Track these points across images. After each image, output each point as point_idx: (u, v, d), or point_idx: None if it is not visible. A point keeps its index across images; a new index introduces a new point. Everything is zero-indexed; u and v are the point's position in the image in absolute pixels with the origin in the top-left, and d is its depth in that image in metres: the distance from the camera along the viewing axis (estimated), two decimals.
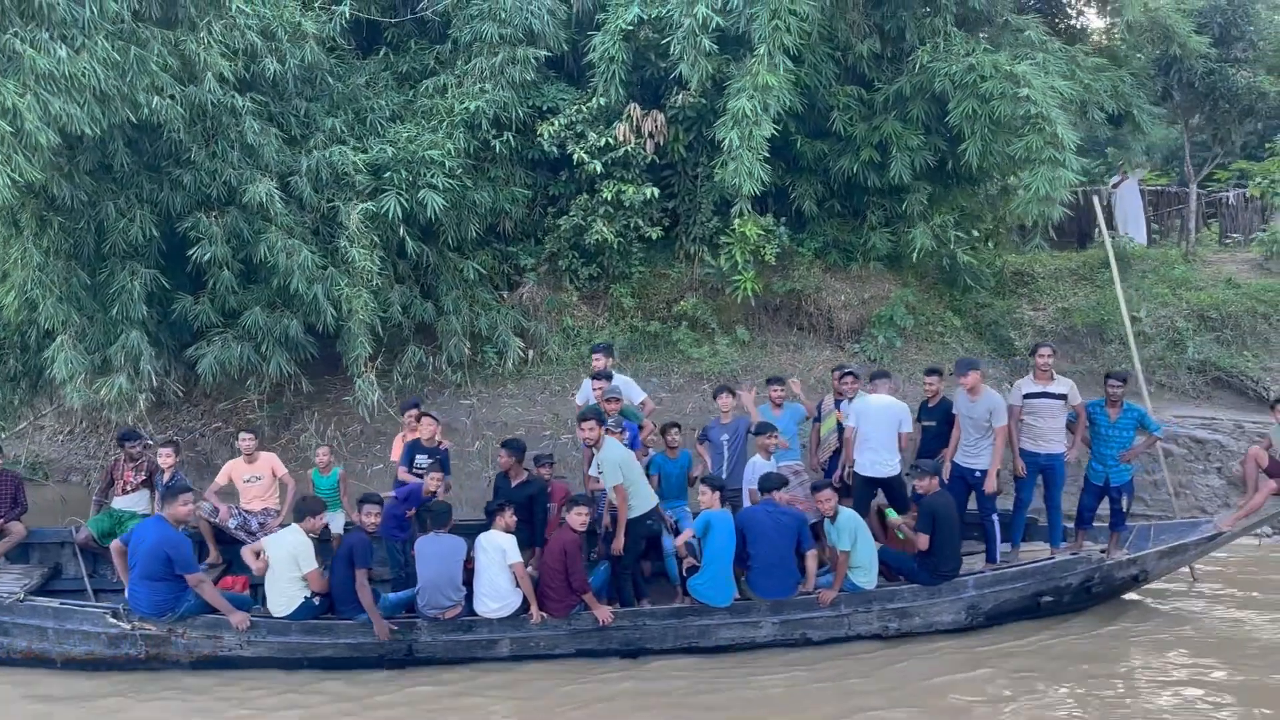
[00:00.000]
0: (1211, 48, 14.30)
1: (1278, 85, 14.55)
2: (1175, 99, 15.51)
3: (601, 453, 7.04)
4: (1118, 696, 6.37)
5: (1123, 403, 8.25)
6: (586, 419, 7.22)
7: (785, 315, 13.89)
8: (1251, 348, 13.86)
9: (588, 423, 7.19)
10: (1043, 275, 16.12)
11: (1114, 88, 13.35)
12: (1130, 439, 8.17)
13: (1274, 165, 15.40)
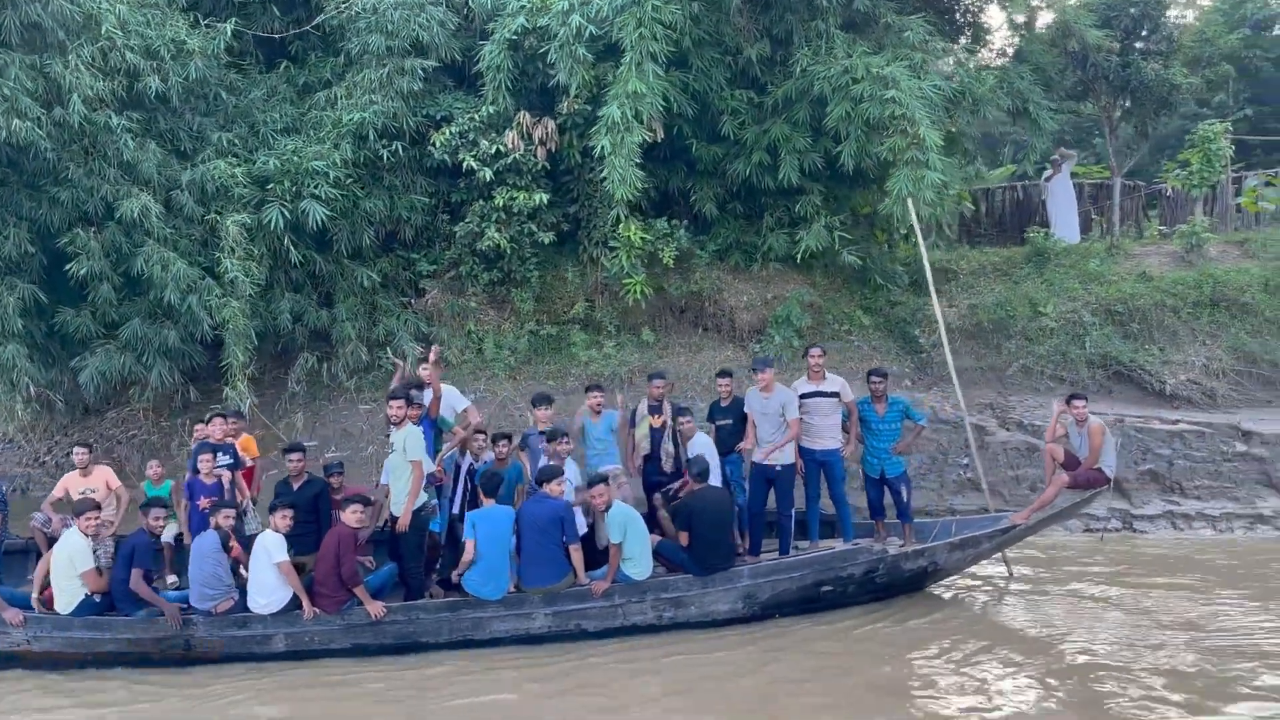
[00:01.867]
0: (1117, 41, 14.25)
1: (1190, 78, 14.42)
2: (1096, 93, 15.47)
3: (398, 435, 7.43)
4: (903, 680, 6.48)
5: (888, 397, 8.43)
6: (395, 398, 7.57)
7: (690, 316, 14.10)
8: (1158, 341, 13.80)
9: (395, 401, 7.54)
10: (966, 272, 16.14)
11: (1010, 84, 13.39)
12: (899, 431, 8.35)
13: (1194, 156, 15.25)
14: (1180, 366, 13.25)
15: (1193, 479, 10.68)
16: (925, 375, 14.08)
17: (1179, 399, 12.80)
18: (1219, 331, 13.75)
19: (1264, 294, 14.04)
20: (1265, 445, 11.11)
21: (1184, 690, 6.17)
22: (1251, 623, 7.44)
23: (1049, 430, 8.56)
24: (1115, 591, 8.37)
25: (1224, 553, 9.29)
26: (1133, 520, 10.15)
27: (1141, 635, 7.26)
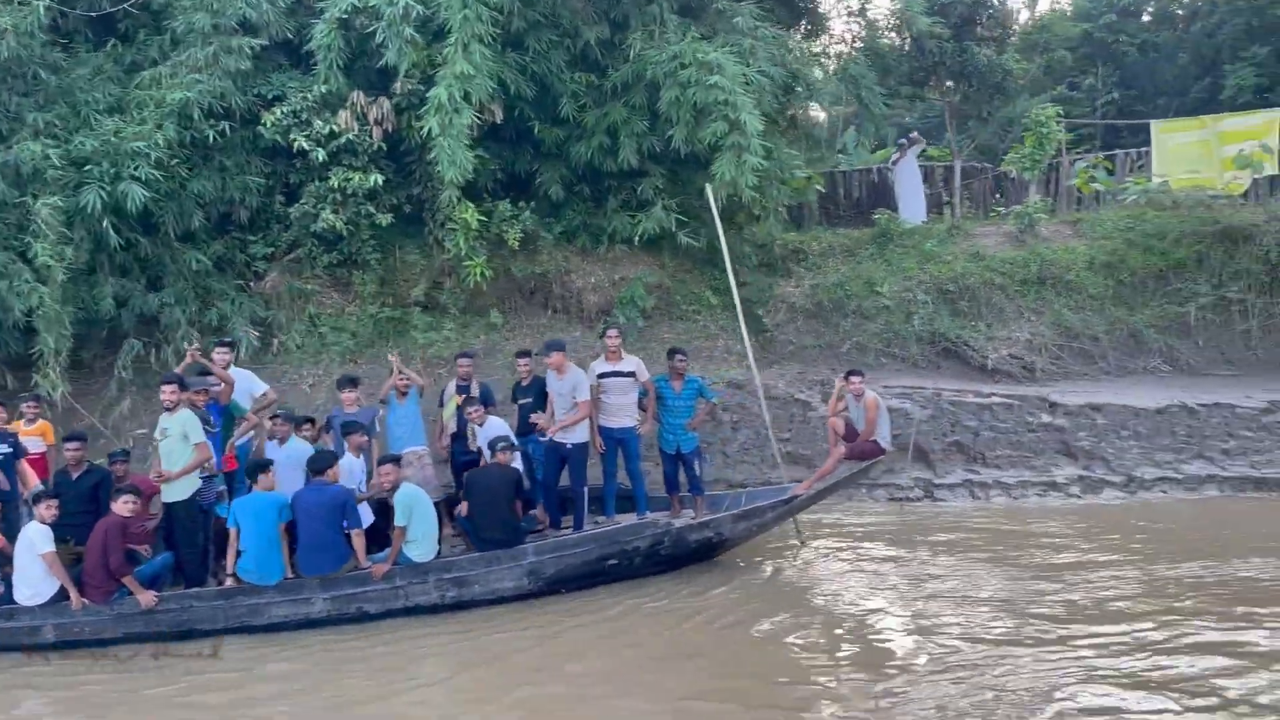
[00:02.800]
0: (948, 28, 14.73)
1: (1022, 64, 14.99)
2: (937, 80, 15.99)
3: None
4: (686, 646, 6.74)
5: (685, 375, 8.73)
6: (168, 382, 7.53)
7: (539, 298, 14.21)
8: (985, 318, 14.42)
9: (169, 385, 7.50)
10: (816, 252, 16.59)
11: (844, 71, 13.76)
12: (694, 408, 8.67)
13: (1029, 140, 15.91)
14: (1003, 342, 13.89)
15: (995, 449, 11.25)
16: (768, 354, 14.48)
17: (1000, 373, 13.43)
18: (1044, 308, 14.44)
19: (1088, 272, 14.78)
20: (1067, 416, 11.75)
21: (942, 643, 6.56)
22: (1009, 582, 7.92)
23: (830, 404, 8.96)
24: (897, 555, 8.81)
25: (1010, 518, 9.83)
26: (934, 489, 10.65)
27: (913, 595, 7.67)
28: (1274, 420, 11.29)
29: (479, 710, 5.89)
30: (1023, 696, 5.69)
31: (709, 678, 6.29)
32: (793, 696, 5.86)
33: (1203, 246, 14.38)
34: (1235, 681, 5.69)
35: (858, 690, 5.92)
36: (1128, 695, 5.56)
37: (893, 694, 5.77)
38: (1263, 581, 7.61)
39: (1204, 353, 14.06)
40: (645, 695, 6.01)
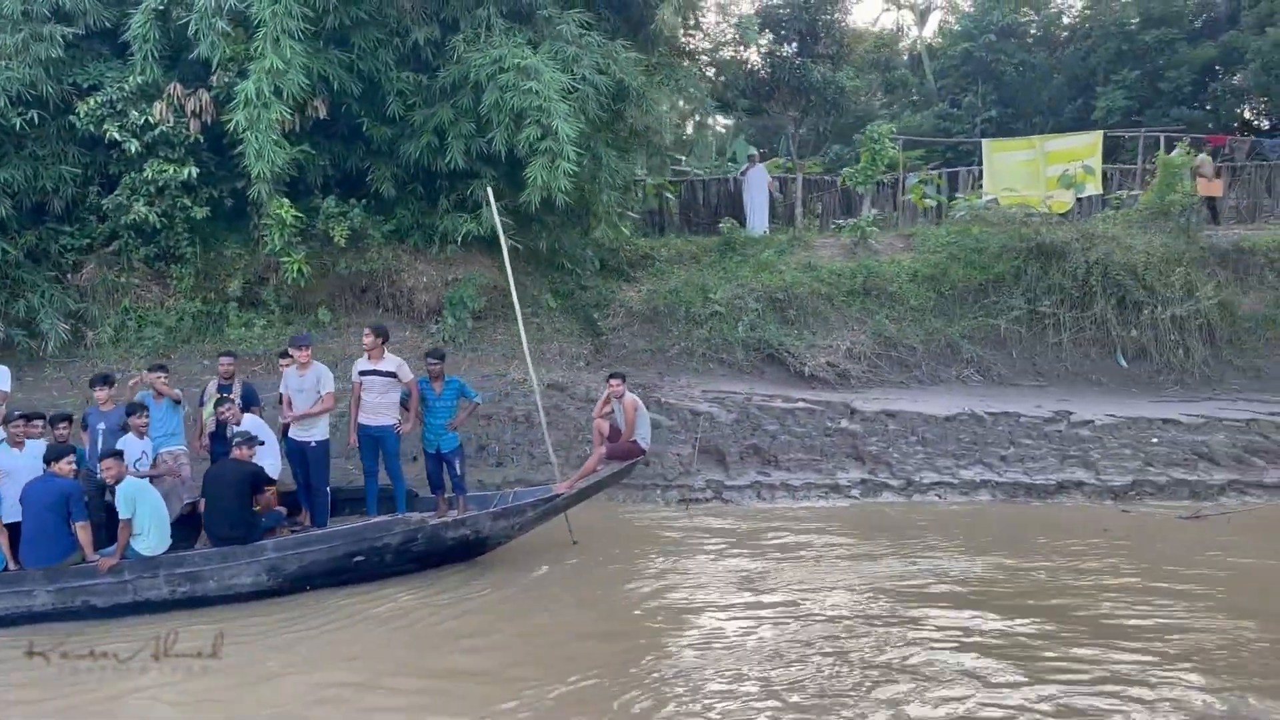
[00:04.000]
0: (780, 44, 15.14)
1: (855, 81, 15.46)
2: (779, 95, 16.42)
3: None
4: (431, 645, 6.80)
5: (445, 376, 8.88)
6: None
7: (371, 296, 14.19)
8: (811, 326, 14.84)
9: None
10: (663, 259, 16.89)
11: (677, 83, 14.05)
12: (455, 408, 8.82)
13: (865, 153, 16.44)
14: (823, 350, 14.31)
15: (789, 452, 11.60)
16: (602, 357, 14.69)
17: (816, 379, 13.84)
18: (867, 318, 14.92)
19: (911, 284, 15.31)
20: (863, 422, 12.17)
21: (700, 632, 6.85)
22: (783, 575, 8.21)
23: (597, 406, 9.17)
24: (666, 553, 9.07)
25: (785, 519, 10.15)
26: (724, 490, 10.93)
27: (668, 591, 7.93)
28: (1055, 430, 11.86)
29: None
30: (768, 671, 6.04)
31: (468, 663, 6.44)
32: (546, 685, 6.02)
33: (1020, 262, 15.00)
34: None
35: (618, 678, 6.13)
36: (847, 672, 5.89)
37: (647, 681, 6.01)
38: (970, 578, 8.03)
39: (1017, 364, 14.67)
40: (392, 680, 6.12)
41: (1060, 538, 9.14)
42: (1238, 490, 10.59)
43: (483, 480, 11.09)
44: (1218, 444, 11.32)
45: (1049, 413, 12.20)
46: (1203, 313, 14.14)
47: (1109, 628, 6.83)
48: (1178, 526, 9.63)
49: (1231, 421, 11.82)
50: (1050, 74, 32.73)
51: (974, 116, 32.70)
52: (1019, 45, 33.13)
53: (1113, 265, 14.38)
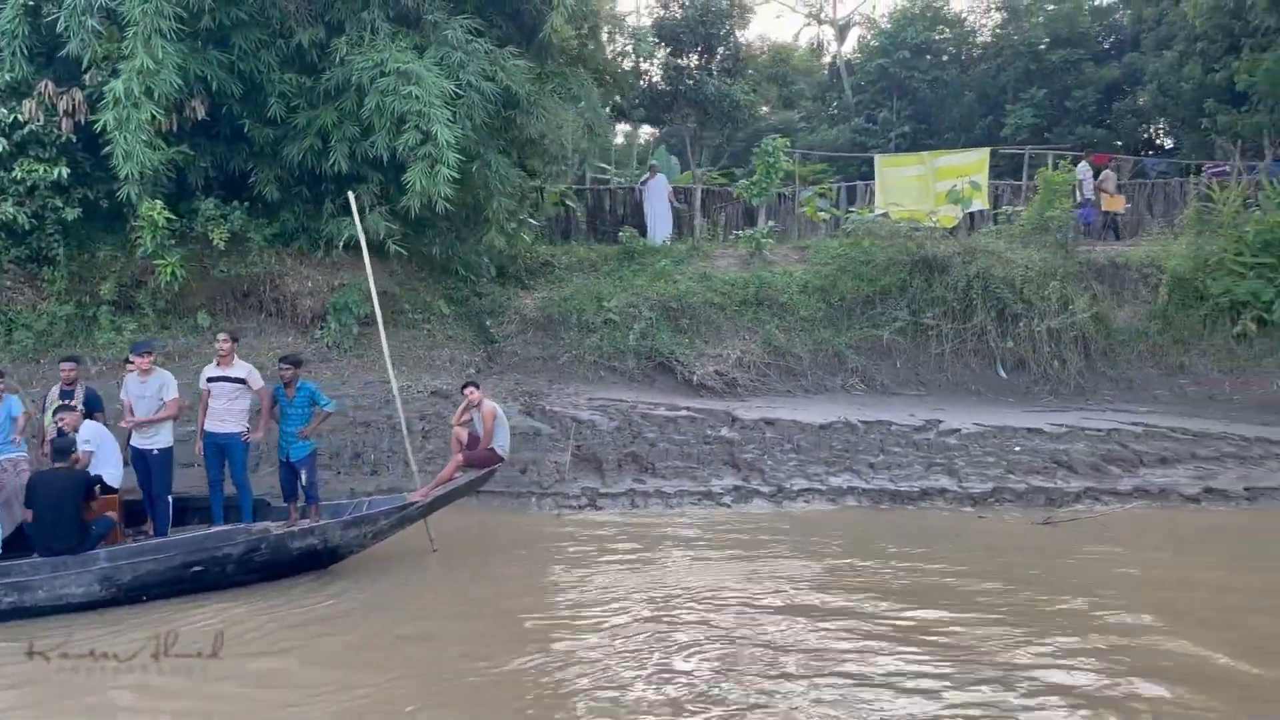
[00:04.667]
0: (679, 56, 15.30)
1: (750, 95, 15.68)
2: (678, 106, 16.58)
3: None
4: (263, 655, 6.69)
5: (298, 382, 8.80)
6: None
7: (254, 301, 13.97)
8: (704, 335, 14.99)
9: None
10: (563, 266, 16.92)
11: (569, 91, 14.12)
12: (308, 415, 8.74)
13: (760, 166, 16.71)
14: (712, 359, 14.47)
15: (666, 460, 11.70)
16: (494, 365, 14.66)
17: (704, 388, 13.98)
18: (758, 328, 15.11)
19: (802, 295, 15.57)
20: (742, 430, 12.34)
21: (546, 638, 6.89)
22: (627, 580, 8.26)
23: (456, 414, 9.16)
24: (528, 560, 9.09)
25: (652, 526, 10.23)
26: (598, 498, 10.98)
27: (518, 596, 7.94)
28: (924, 438, 12.15)
29: None
30: (620, 673, 6.12)
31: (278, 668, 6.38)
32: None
33: (905, 275, 15.34)
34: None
35: (435, 683, 6.13)
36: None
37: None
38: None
39: (901, 373, 14.99)
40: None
41: (908, 543, 9.36)
42: (1093, 497, 10.95)
43: (354, 488, 10.99)
44: (1077, 452, 11.70)
45: (920, 421, 12.49)
46: (1077, 325, 14.61)
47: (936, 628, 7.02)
48: (1027, 532, 9.93)
49: (1093, 431, 12.23)
50: (962, 91, 33.60)
51: (889, 131, 33.42)
52: (933, 63, 33.95)
53: (992, 279, 14.79)
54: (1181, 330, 14.91)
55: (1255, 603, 7.65)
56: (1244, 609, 7.51)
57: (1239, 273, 14.43)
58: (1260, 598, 7.78)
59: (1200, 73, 26.43)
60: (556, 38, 13.95)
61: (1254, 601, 7.68)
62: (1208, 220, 15.13)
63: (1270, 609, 7.50)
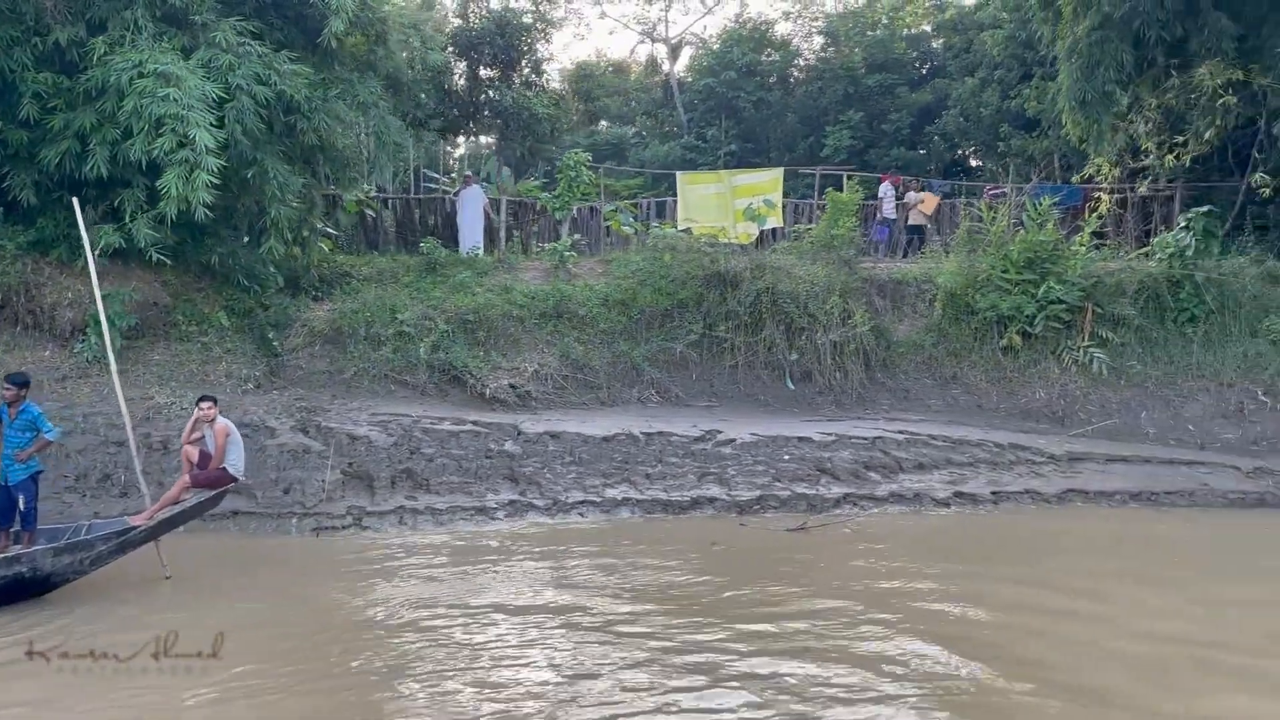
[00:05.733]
0: (480, 67, 15.20)
1: (549, 108, 15.71)
2: (479, 118, 16.47)
3: None
4: None
5: (22, 404, 8.34)
6: None
7: (9, 313, 13.03)
8: (502, 348, 14.90)
9: None
10: (363, 277, 16.51)
11: (355, 98, 13.81)
12: (29, 439, 8.28)
13: (562, 180, 16.83)
14: (508, 372, 14.40)
15: (443, 476, 11.54)
16: (277, 380, 14.14)
17: (497, 401, 13.88)
18: (557, 340, 15.13)
19: (602, 308, 15.69)
20: (526, 443, 12.32)
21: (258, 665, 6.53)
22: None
23: (185, 431, 8.77)
24: (268, 585, 8.75)
25: (413, 543, 10.06)
26: (365, 517, 10.72)
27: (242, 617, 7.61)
28: (701, 448, 12.43)
29: None
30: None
31: None
32: None
33: (701, 289, 15.68)
34: None
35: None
36: None
37: None
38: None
39: (695, 385, 15.31)
40: None
41: (657, 553, 9.55)
42: (851, 502, 11.45)
43: (99, 510, 10.36)
44: (841, 460, 12.22)
45: (701, 432, 12.78)
46: (858, 338, 15.26)
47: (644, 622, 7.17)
48: (780, 537, 10.28)
49: (859, 439, 12.80)
50: (785, 112, 34.79)
51: (718, 149, 34.26)
52: (758, 84, 35.01)
53: (780, 294, 15.30)
54: (954, 343, 15.79)
55: (950, 593, 8.15)
56: (943, 600, 8.00)
57: (1005, 289, 15.41)
58: (961, 592, 8.29)
59: (998, 99, 28.31)
60: (341, 42, 13.59)
61: (948, 592, 8.18)
62: (977, 239, 16.11)
63: (962, 597, 7.99)
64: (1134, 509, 11.46)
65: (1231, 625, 7.51)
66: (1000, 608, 7.91)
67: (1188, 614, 7.84)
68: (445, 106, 15.78)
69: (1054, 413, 14.76)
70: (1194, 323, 15.27)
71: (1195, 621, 7.63)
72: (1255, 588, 8.59)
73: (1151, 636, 7.22)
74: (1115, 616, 7.67)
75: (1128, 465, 12.57)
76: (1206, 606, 7.99)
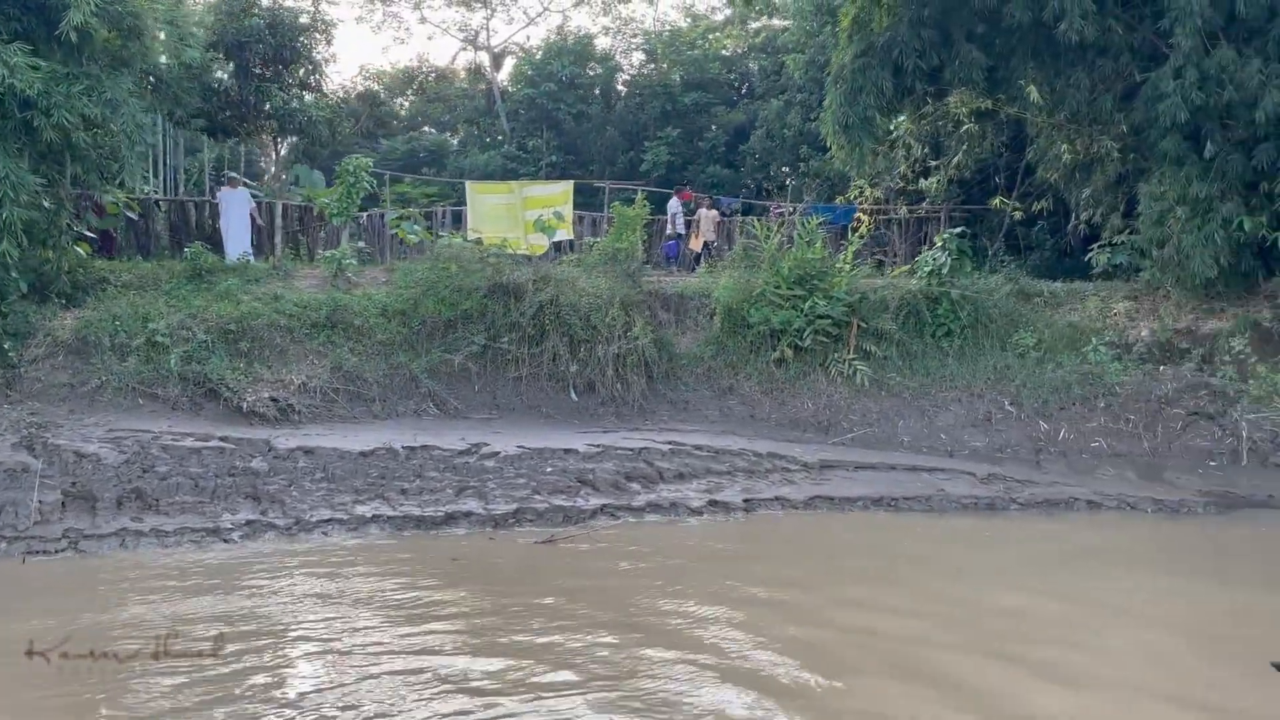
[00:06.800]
0: (250, 66, 14.58)
1: (323, 111, 15.22)
2: (251, 119, 15.79)
3: None
4: None
5: None
6: None
7: None
8: (268, 360, 14.29)
9: None
10: (122, 283, 15.55)
11: (100, 94, 13.00)
12: None
13: (342, 185, 16.37)
14: (271, 384, 13.81)
15: (176, 495, 10.91)
16: (14, 393, 13.10)
17: (256, 415, 13.29)
18: (329, 351, 14.64)
19: (381, 319, 15.30)
20: (275, 460, 11.81)
21: None
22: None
23: None
24: None
25: (127, 569, 9.45)
26: (82, 540, 9.99)
27: None
28: (464, 462, 12.26)
29: None
30: None
31: None
32: None
33: (486, 300, 15.53)
34: None
35: None
36: None
37: None
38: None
39: (478, 397, 15.13)
40: None
41: (401, 569, 9.34)
42: (609, 513, 11.51)
43: None
44: (603, 471, 12.30)
45: (467, 445, 12.61)
46: (639, 350, 15.46)
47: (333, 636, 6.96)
48: (527, 551, 10.22)
49: (624, 450, 12.93)
50: (606, 126, 35.16)
51: (539, 160, 34.26)
52: (579, 97, 35.24)
53: (563, 305, 15.33)
54: (732, 355, 16.23)
55: (670, 595, 8.33)
56: (664, 602, 8.16)
57: (777, 304, 15.96)
58: (678, 593, 8.49)
59: (800, 120, 29.48)
60: (89, 36, 12.76)
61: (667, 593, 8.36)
62: (753, 256, 16.63)
63: (679, 597, 8.18)
64: (874, 514, 12.01)
65: (953, 622, 7.98)
66: (710, 603, 8.21)
67: (885, 608, 8.30)
68: (213, 106, 15.04)
69: (820, 422, 15.37)
70: (950, 337, 16.23)
71: (895, 616, 8.06)
72: (960, 585, 9.17)
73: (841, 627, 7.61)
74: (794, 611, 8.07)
75: (875, 472, 13.19)
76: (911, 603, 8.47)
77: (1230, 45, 14.74)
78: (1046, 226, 20.74)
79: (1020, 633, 7.77)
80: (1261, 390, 14.63)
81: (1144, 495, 12.63)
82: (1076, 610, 8.39)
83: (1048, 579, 9.38)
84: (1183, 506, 12.33)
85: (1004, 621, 8.07)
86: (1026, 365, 15.67)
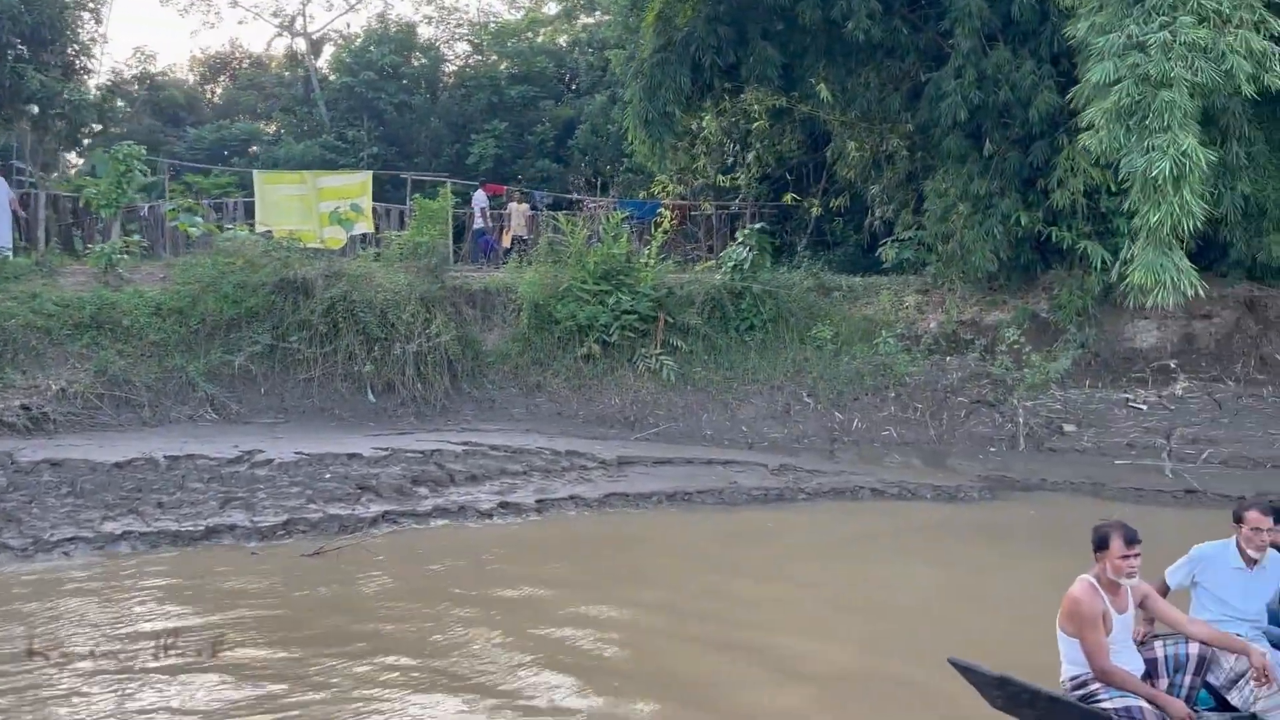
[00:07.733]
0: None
1: (87, 95, 14.01)
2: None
3: None
4: None
5: None
6: None
7: None
8: (20, 364, 13.04)
9: None
10: None
11: None
12: None
13: (110, 175, 15.15)
14: (23, 391, 12.62)
15: None
16: None
17: (4, 425, 12.09)
18: (93, 354, 13.49)
19: (155, 317, 14.24)
20: (18, 474, 10.75)
21: None
22: None
23: None
24: None
25: None
26: None
27: None
28: (234, 471, 11.48)
29: None
30: None
31: None
32: None
33: (273, 296, 14.67)
34: None
35: None
36: None
37: None
38: None
39: (263, 401, 14.30)
40: None
41: (144, 593, 8.60)
42: (391, 520, 10.99)
43: None
44: (388, 476, 11.77)
45: (238, 453, 11.83)
46: (441, 348, 14.96)
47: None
48: (291, 565, 9.61)
49: (414, 453, 12.43)
50: (430, 117, 34.19)
51: (360, 151, 32.96)
52: (402, 87, 34.12)
53: (356, 302, 14.66)
54: (540, 352, 15.96)
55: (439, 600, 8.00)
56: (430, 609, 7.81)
57: (584, 299, 15.78)
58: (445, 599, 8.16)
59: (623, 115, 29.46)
60: None
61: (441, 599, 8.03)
62: (560, 251, 16.40)
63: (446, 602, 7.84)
64: (667, 510, 11.97)
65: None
66: (459, 606, 7.99)
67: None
68: None
69: (626, 418, 15.30)
70: (753, 331, 16.48)
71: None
72: (714, 577, 9.22)
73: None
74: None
75: (672, 467, 13.18)
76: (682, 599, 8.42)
77: (1007, 47, 15.50)
78: (849, 222, 21.43)
79: (759, 623, 7.83)
80: (1036, 378, 15.47)
81: (925, 482, 13.10)
82: (813, 597, 8.61)
83: (805, 568, 9.59)
84: (960, 492, 12.84)
85: (750, 612, 8.12)
86: (824, 358, 16.07)
